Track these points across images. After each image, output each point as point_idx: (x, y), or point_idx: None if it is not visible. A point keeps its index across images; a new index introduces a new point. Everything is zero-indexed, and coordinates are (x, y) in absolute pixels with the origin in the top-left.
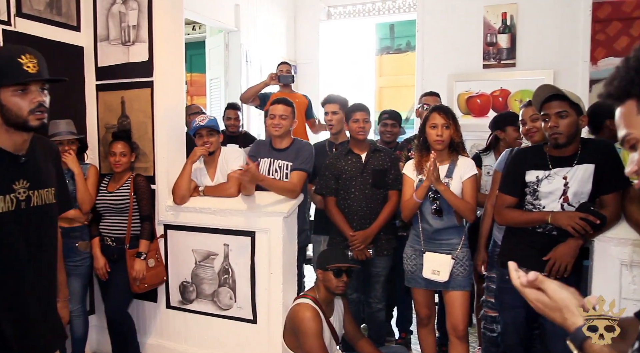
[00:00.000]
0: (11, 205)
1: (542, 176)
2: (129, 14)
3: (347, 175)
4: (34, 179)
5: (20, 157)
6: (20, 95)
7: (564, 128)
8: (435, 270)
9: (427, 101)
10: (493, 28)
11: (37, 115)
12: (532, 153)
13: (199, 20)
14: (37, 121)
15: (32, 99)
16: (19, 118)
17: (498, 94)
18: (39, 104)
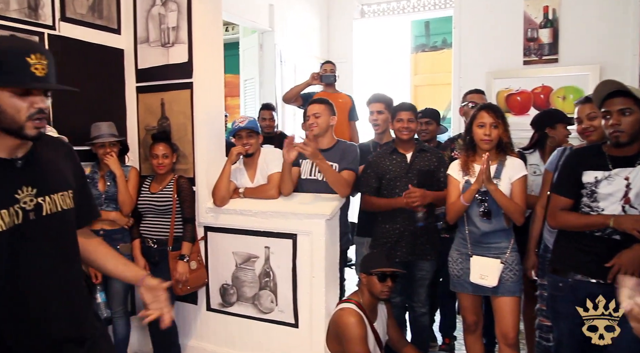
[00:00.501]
0: (17, 218)
1: (602, 177)
2: (168, 16)
3: (392, 175)
4: (41, 183)
5: (16, 161)
6: (19, 97)
7: (627, 126)
8: (483, 275)
9: (473, 99)
10: (534, 23)
11: (35, 123)
12: (590, 152)
13: (233, 21)
14: (34, 130)
15: (32, 103)
16: (14, 124)
17: (539, 91)
18: (39, 110)
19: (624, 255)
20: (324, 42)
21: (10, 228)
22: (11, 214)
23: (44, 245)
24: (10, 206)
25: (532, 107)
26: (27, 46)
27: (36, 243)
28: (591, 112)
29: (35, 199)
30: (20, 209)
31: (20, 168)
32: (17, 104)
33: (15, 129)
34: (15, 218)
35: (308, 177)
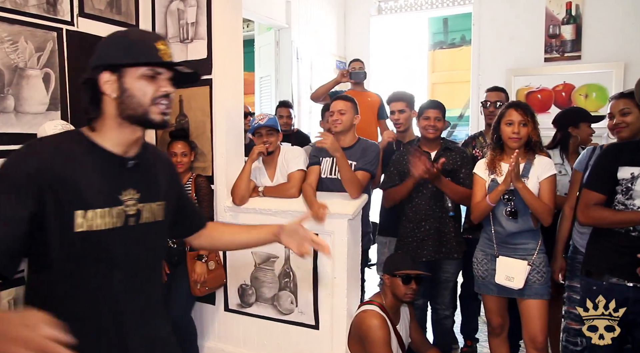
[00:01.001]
0: (118, 221)
1: (639, 174)
2: (187, 11)
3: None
4: (145, 188)
5: (128, 160)
6: (148, 80)
7: None
8: (509, 276)
9: (488, 97)
10: (556, 19)
11: (160, 107)
12: (628, 147)
13: (250, 17)
14: (160, 115)
15: (159, 87)
16: (140, 107)
17: (561, 89)
18: (166, 94)
19: None
20: (341, 40)
21: (109, 229)
22: (112, 215)
23: (135, 253)
24: (114, 206)
25: (553, 105)
26: (154, 34)
27: (128, 249)
28: (625, 107)
29: (137, 204)
30: (122, 211)
31: (129, 169)
32: (145, 86)
33: (140, 113)
34: (116, 220)
35: (328, 176)
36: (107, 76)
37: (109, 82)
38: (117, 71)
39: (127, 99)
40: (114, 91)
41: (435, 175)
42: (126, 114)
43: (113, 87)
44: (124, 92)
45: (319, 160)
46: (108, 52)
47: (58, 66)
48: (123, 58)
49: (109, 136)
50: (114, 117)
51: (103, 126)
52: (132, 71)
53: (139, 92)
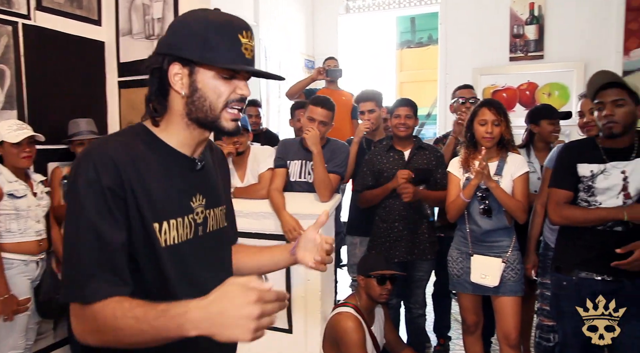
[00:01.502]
0: (190, 232)
1: (597, 171)
2: (153, 6)
3: (389, 173)
4: (209, 193)
5: (197, 162)
6: (224, 81)
7: (620, 117)
8: (484, 274)
9: (462, 94)
10: (520, 19)
11: (232, 113)
12: (583, 145)
13: None
14: (232, 122)
15: (235, 89)
16: (211, 111)
17: (525, 88)
18: (241, 98)
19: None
20: (309, 38)
21: (183, 241)
22: (185, 226)
23: (206, 266)
24: (186, 215)
25: (518, 103)
26: (239, 22)
27: (200, 263)
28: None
29: (204, 211)
30: (192, 221)
31: (197, 172)
32: (220, 87)
33: (211, 119)
34: (188, 230)
35: (297, 179)
36: (176, 68)
37: (178, 75)
38: (189, 65)
39: (198, 101)
40: (184, 87)
41: (419, 196)
42: (194, 116)
43: (183, 83)
44: (195, 92)
45: (286, 163)
46: (181, 42)
47: (14, 62)
48: (198, 54)
49: (176, 135)
50: (181, 116)
51: (169, 123)
52: (206, 70)
53: (213, 94)
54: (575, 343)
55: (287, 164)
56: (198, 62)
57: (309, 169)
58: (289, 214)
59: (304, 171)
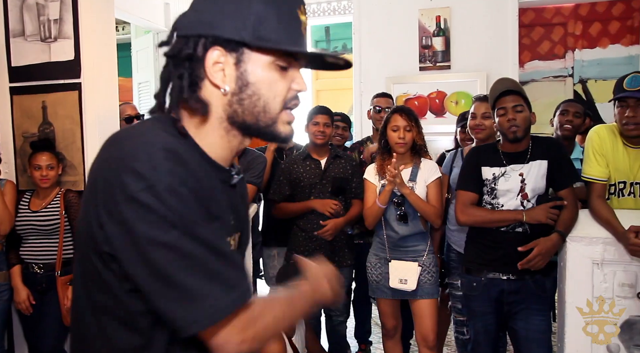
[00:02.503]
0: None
1: (499, 174)
2: (49, 6)
3: (306, 182)
4: (237, 213)
5: (233, 175)
6: (281, 73)
7: (521, 121)
8: (402, 279)
9: (378, 103)
10: (428, 31)
11: (289, 115)
12: (487, 149)
13: (126, 19)
14: (287, 126)
15: (292, 85)
16: (266, 114)
17: (435, 96)
18: (297, 96)
19: (542, 243)
20: None
21: None
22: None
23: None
24: (231, 235)
25: (428, 111)
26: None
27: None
28: (486, 111)
29: (234, 234)
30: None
31: (232, 186)
32: (277, 82)
33: (264, 123)
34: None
35: None
36: (216, 54)
37: (219, 65)
38: (235, 50)
39: (249, 99)
40: (229, 82)
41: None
42: (240, 119)
43: (226, 74)
44: (245, 88)
45: None
46: (222, 16)
47: None
48: (251, 33)
49: (211, 143)
50: (219, 119)
51: (203, 128)
52: (259, 55)
53: (270, 92)
54: (487, 340)
55: None
56: (251, 45)
57: None
58: None
59: None
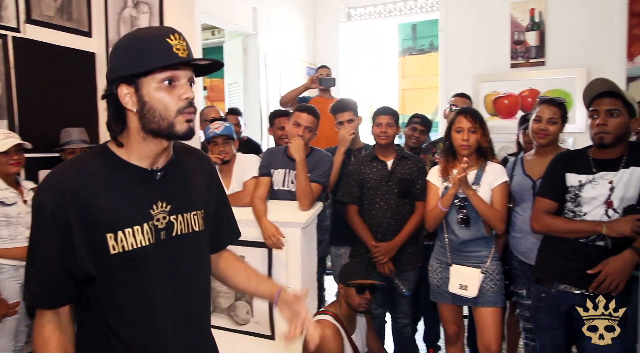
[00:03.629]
0: (151, 237)
1: (585, 181)
2: (140, 18)
3: (372, 183)
4: (175, 199)
5: (156, 172)
6: (167, 89)
7: (613, 128)
8: (462, 285)
9: (456, 102)
10: (521, 26)
11: (185, 115)
12: (574, 155)
13: (216, 24)
14: (185, 124)
15: (180, 95)
16: (163, 121)
17: (527, 95)
18: (189, 102)
19: (611, 263)
20: (310, 46)
21: (142, 247)
22: (145, 232)
23: (170, 268)
24: (145, 222)
25: (519, 110)
26: (165, 29)
27: (162, 265)
28: (553, 116)
29: (168, 217)
30: (153, 227)
31: (158, 181)
32: (165, 98)
33: (165, 127)
34: (149, 236)
35: (281, 188)
36: (124, 89)
37: (127, 95)
38: (133, 83)
39: (148, 113)
40: (134, 104)
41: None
42: (149, 128)
43: (133, 100)
44: (144, 106)
45: (270, 171)
46: (119, 63)
47: (4, 73)
48: (133, 67)
49: (135, 151)
50: (138, 131)
51: (129, 140)
52: (148, 80)
53: (160, 104)
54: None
55: (271, 172)
56: (137, 75)
57: (292, 178)
58: (269, 221)
59: (287, 180)
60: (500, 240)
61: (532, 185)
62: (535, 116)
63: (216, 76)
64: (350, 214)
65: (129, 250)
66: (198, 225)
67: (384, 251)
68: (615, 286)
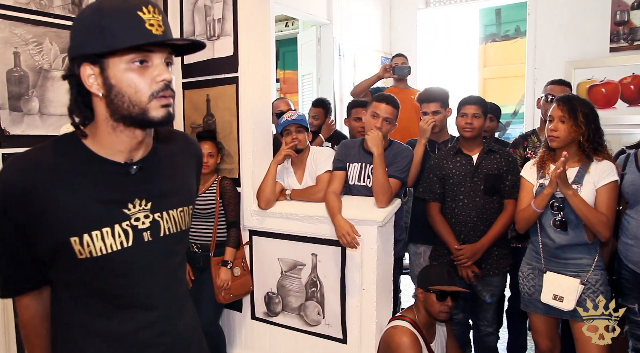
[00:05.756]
0: (126, 240)
1: None
2: (214, 7)
3: (455, 179)
4: (157, 196)
5: (130, 166)
6: (138, 70)
7: None
8: (557, 295)
9: (552, 91)
10: (624, 4)
11: (161, 100)
12: None
13: (290, 14)
14: (162, 109)
15: (154, 77)
16: (134, 107)
17: (629, 82)
18: (165, 84)
19: None
20: (386, 35)
21: (117, 250)
22: (117, 235)
23: (156, 268)
24: (117, 223)
25: (619, 99)
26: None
27: (147, 266)
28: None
29: (151, 215)
30: (130, 227)
31: (134, 175)
32: (135, 80)
33: (137, 114)
34: (124, 238)
35: (356, 183)
36: (87, 69)
37: (91, 76)
38: (97, 62)
39: (116, 98)
40: (100, 88)
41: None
42: (119, 115)
43: (98, 83)
44: (111, 89)
45: (345, 165)
46: (80, 38)
47: None
48: (97, 45)
49: (105, 142)
50: (106, 119)
51: (96, 130)
52: (115, 61)
53: (130, 88)
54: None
55: (347, 166)
56: (102, 54)
57: (368, 172)
58: (343, 218)
59: (363, 174)
60: (607, 247)
61: None
62: None
63: (289, 67)
64: (432, 213)
65: (99, 256)
66: (185, 222)
67: (468, 254)
68: None
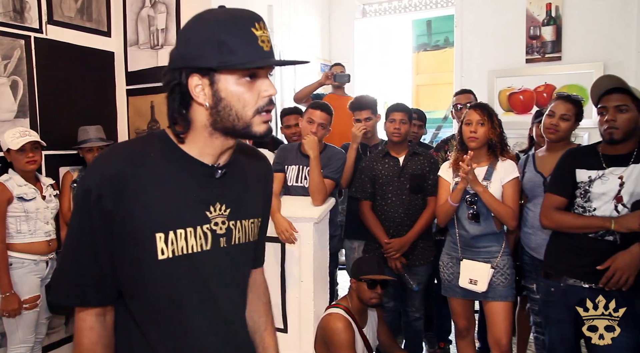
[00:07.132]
0: (205, 243)
1: (595, 176)
2: (157, 18)
3: (384, 179)
4: (235, 203)
5: (217, 169)
6: (246, 84)
7: (622, 123)
8: (472, 279)
9: (459, 100)
10: (537, 20)
11: (264, 116)
12: (584, 151)
13: None
14: (263, 125)
15: (261, 92)
16: (239, 120)
17: (542, 90)
18: (270, 100)
19: (619, 258)
20: (325, 43)
21: (197, 252)
22: (198, 237)
23: (224, 279)
24: (199, 225)
25: (534, 106)
26: (249, 14)
27: (218, 275)
28: (566, 113)
29: (227, 222)
30: (209, 231)
31: (217, 179)
32: (245, 95)
33: (241, 127)
34: (203, 241)
35: (294, 184)
36: (196, 79)
37: (199, 86)
38: (208, 74)
39: (223, 110)
40: (207, 99)
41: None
42: (220, 125)
43: (206, 93)
44: (220, 102)
45: (284, 168)
46: (195, 50)
47: (26, 73)
48: (215, 60)
49: (197, 144)
50: (204, 126)
51: (192, 135)
52: (228, 75)
53: (238, 102)
54: (563, 349)
55: (285, 168)
56: (218, 69)
57: (305, 174)
58: (282, 216)
59: (300, 176)
60: (512, 235)
61: (543, 181)
62: (549, 111)
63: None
64: (363, 210)
65: (179, 255)
66: (254, 234)
67: (396, 247)
68: (625, 280)
